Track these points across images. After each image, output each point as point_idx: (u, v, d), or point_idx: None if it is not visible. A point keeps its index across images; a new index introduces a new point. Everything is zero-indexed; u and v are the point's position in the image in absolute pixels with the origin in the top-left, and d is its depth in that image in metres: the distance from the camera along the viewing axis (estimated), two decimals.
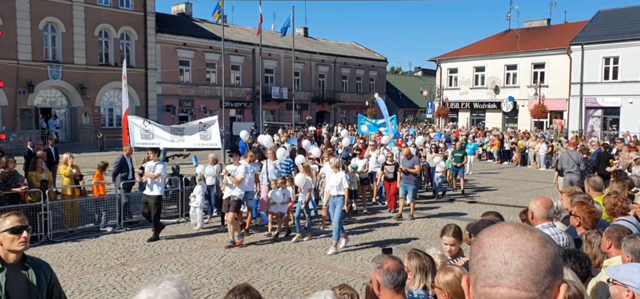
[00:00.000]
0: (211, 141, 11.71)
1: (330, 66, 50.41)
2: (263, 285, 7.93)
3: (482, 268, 1.18)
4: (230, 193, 10.28)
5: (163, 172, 10.70)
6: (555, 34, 40.65)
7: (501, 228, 1.21)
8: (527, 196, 16.62)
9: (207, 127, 11.62)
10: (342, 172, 10.11)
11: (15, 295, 3.32)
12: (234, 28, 46.08)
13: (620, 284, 2.88)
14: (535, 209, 4.35)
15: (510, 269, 1.14)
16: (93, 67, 34.11)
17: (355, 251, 10.06)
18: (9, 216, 3.39)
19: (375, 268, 3.08)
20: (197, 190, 11.77)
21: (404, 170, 12.69)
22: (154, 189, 10.55)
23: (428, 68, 68.35)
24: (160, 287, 1.30)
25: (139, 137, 11.89)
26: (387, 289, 2.99)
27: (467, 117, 43.77)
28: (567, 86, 37.41)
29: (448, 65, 45.35)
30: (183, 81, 39.89)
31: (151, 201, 10.51)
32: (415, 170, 12.81)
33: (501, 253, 1.16)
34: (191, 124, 12.11)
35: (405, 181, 12.73)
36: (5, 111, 30.14)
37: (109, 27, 34.98)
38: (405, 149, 13.62)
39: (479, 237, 1.24)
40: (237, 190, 10.24)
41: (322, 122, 44.79)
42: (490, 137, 30.84)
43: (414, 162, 12.83)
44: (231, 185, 10.26)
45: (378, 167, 14.32)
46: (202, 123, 11.90)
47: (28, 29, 31.12)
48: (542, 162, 25.93)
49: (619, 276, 2.91)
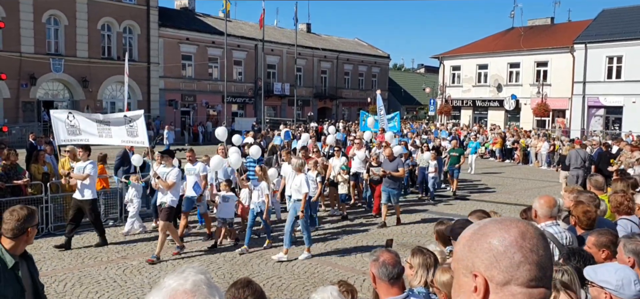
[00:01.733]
0: (138, 138, 10.22)
1: (332, 62, 50.36)
2: (263, 280, 7.94)
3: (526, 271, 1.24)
4: (162, 199, 9.08)
5: (93, 172, 9.53)
6: (558, 33, 40.55)
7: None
8: (529, 194, 16.62)
9: (133, 122, 10.18)
10: (303, 175, 9.27)
11: (26, 285, 3.40)
12: (237, 23, 46.05)
13: (597, 286, 2.90)
14: (539, 207, 4.36)
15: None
16: (95, 61, 34.14)
17: (356, 247, 10.06)
18: (36, 212, 3.52)
19: (371, 260, 3.10)
20: (131, 194, 10.50)
21: (386, 173, 11.60)
22: (85, 193, 9.37)
23: (431, 65, 68.29)
24: (185, 274, 1.30)
25: (65, 134, 10.38)
26: (382, 282, 3.01)
27: (469, 114, 43.73)
28: (570, 85, 37.33)
29: (451, 62, 45.28)
30: (185, 76, 39.90)
31: (86, 206, 9.46)
32: (399, 173, 11.72)
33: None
34: (116, 117, 10.60)
35: (388, 185, 11.62)
36: (7, 104, 30.19)
37: (111, 20, 34.99)
38: (387, 149, 12.60)
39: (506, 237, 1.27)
40: (168, 196, 8.98)
41: (324, 118, 44.78)
42: (493, 135, 30.81)
43: (397, 164, 11.77)
44: (163, 190, 9.05)
45: (362, 167, 13.37)
46: (127, 116, 10.45)
47: (31, 22, 31.15)
48: (543, 160, 25.90)
49: (596, 278, 2.92)
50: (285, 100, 45.31)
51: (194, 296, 1.27)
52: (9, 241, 3.36)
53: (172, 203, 9.01)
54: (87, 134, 10.33)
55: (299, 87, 44.03)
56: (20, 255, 3.41)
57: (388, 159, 11.96)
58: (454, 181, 16.59)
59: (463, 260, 1.30)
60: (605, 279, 2.87)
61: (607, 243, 3.70)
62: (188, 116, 40.07)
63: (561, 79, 37.77)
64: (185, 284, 1.28)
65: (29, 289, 3.40)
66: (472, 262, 1.26)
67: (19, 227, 3.33)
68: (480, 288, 1.23)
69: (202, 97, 40.59)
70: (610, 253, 3.66)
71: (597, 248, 3.69)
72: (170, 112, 37.87)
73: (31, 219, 3.43)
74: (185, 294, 1.27)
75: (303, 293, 7.51)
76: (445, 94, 44.95)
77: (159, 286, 1.31)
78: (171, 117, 37.01)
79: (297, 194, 9.24)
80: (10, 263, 3.28)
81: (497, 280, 1.22)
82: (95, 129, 10.36)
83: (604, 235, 3.77)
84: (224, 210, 9.92)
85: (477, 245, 1.27)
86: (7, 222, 3.37)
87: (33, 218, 3.47)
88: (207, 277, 1.35)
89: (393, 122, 19.61)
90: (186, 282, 1.29)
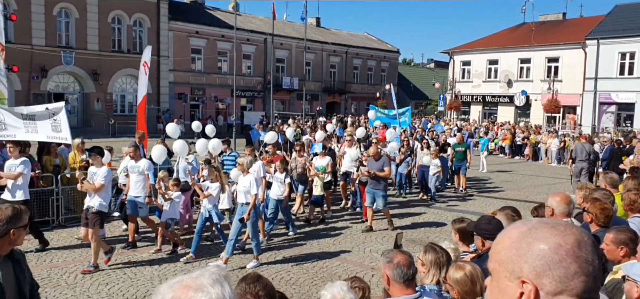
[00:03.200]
0: (62, 134, 9.44)
1: (341, 57, 50.25)
2: (272, 274, 7.95)
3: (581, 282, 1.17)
4: (88, 203, 8.13)
5: (27, 170, 8.60)
6: (570, 28, 40.17)
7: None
8: (539, 191, 16.52)
9: (56, 115, 9.40)
10: (251, 175, 8.40)
11: (8, 290, 3.24)
12: (246, 17, 46.06)
13: (632, 280, 2.93)
14: (557, 205, 4.29)
15: None
16: (106, 54, 34.31)
17: (364, 242, 10.05)
18: (25, 213, 3.35)
19: (385, 262, 3.06)
20: None
21: (371, 173, 10.75)
22: (16, 194, 8.32)
23: (441, 60, 67.98)
24: (197, 271, 1.35)
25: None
26: (397, 284, 2.98)
27: (479, 110, 43.50)
28: (581, 81, 36.99)
29: (461, 57, 45.03)
30: (195, 69, 40.01)
31: None
32: (384, 173, 10.80)
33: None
34: (40, 110, 9.64)
35: (373, 187, 10.81)
36: (18, 96, 30.41)
37: (122, 13, 35.12)
38: (372, 147, 11.57)
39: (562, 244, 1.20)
40: (96, 199, 8.06)
41: (332, 113, 44.73)
42: (503, 132, 30.62)
43: (383, 164, 10.79)
44: (90, 193, 8.14)
45: (354, 166, 12.72)
46: (49, 109, 9.58)
47: (42, 15, 31.36)
48: (553, 157, 25.71)
49: (631, 272, 2.96)
50: (294, 94, 45.31)
51: (197, 292, 1.29)
52: None
53: (101, 207, 8.07)
54: (14, 128, 9.54)
55: (307, 82, 44.02)
56: (5, 256, 3.24)
57: (373, 158, 11.00)
58: (461, 177, 15.98)
59: (508, 263, 1.21)
60: (638, 273, 2.90)
61: (626, 240, 3.66)
62: (197, 109, 40.20)
63: (572, 75, 37.44)
64: (189, 279, 1.32)
65: (12, 292, 3.25)
66: (519, 266, 1.19)
67: (0, 227, 3.18)
68: (530, 296, 1.16)
69: (211, 90, 40.69)
70: (629, 250, 3.62)
71: (615, 245, 3.65)
72: (180, 106, 38.01)
73: (15, 221, 3.22)
74: (188, 284, 1.30)
75: (312, 288, 7.51)
76: (454, 89, 44.74)
77: (168, 282, 1.36)
78: (180, 111, 37.14)
79: (245, 196, 8.33)
80: None
81: (548, 289, 1.16)
82: (21, 124, 9.58)
83: (623, 232, 3.73)
84: (169, 211, 9.04)
85: (526, 249, 1.19)
86: None
87: (18, 219, 3.24)
88: (219, 271, 1.36)
89: (404, 117, 19.20)
90: (192, 277, 1.33)
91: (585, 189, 5.60)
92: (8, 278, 3.24)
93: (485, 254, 3.80)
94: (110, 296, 7.09)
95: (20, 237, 3.31)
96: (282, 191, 10.06)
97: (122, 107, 36.39)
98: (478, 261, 3.61)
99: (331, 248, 9.62)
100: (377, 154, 10.99)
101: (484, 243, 3.84)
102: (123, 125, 31.90)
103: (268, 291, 2.53)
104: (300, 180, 11.92)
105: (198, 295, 1.28)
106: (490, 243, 3.80)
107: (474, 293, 3.15)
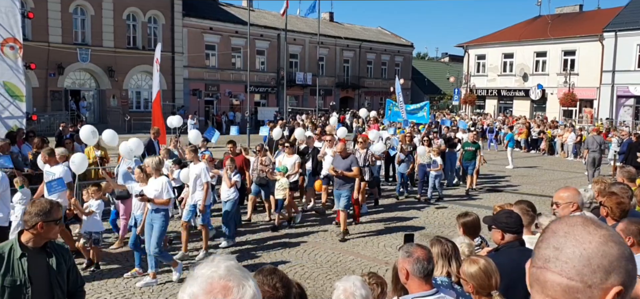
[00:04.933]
0: None
1: (355, 51, 50.12)
2: (286, 268, 8.00)
3: (537, 250, 1.23)
4: None
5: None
6: (587, 21, 39.62)
7: (570, 219, 1.24)
8: (554, 186, 16.34)
9: None
10: (163, 178, 7.50)
11: (37, 280, 3.38)
12: (260, 13, 46.13)
13: None
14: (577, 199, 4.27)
15: (560, 255, 1.17)
16: (121, 50, 34.61)
17: (378, 237, 10.06)
18: (56, 208, 3.47)
19: (404, 257, 3.04)
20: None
21: (338, 173, 9.85)
22: None
23: (455, 54, 67.46)
24: (216, 262, 1.35)
25: None
26: (416, 278, 2.98)
27: (494, 104, 43.13)
28: (598, 74, 36.48)
29: (476, 51, 44.66)
30: (209, 66, 40.19)
31: None
32: (352, 173, 9.82)
33: (557, 239, 1.20)
34: None
35: (338, 187, 9.91)
36: (36, 93, 30.83)
37: (136, 10, 35.39)
38: (339, 144, 10.68)
39: (549, 224, 1.27)
40: None
41: (346, 108, 44.65)
42: (518, 126, 30.31)
43: (350, 163, 9.87)
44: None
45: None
46: None
47: (58, 12, 31.72)
48: (570, 151, 25.41)
49: None
50: (307, 89, 45.31)
51: (230, 281, 1.31)
52: (24, 232, 3.42)
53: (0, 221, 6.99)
54: None
55: (321, 77, 43.98)
56: (39, 248, 3.39)
57: (340, 155, 10.07)
58: (469, 177, 15.05)
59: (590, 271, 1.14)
60: None
61: (635, 232, 3.62)
62: (212, 105, 40.42)
63: (589, 68, 36.93)
64: (218, 271, 1.32)
65: (43, 284, 3.39)
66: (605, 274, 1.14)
67: (28, 219, 3.36)
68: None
69: (225, 86, 40.87)
70: (636, 241, 3.58)
71: (624, 235, 3.61)
72: (194, 102, 38.23)
73: (45, 215, 3.34)
74: (220, 281, 1.30)
75: (326, 282, 7.54)
76: (469, 83, 44.40)
77: (193, 276, 1.34)
78: (195, 107, 37.37)
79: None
80: (17, 253, 3.33)
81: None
82: None
83: (635, 224, 3.69)
84: (88, 223, 7.91)
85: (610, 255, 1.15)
86: (25, 213, 3.45)
87: (48, 214, 3.35)
88: (237, 262, 1.39)
89: (422, 111, 18.45)
90: (219, 269, 1.32)
91: (601, 183, 5.55)
92: (37, 270, 3.38)
93: (502, 248, 3.79)
94: None
95: (51, 231, 3.45)
96: (228, 195, 9.23)
97: (138, 104, 36.70)
98: (495, 255, 3.61)
99: (345, 243, 9.64)
100: (344, 152, 10.12)
101: (504, 236, 3.83)
102: (139, 121, 32.19)
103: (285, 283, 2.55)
104: (258, 182, 10.90)
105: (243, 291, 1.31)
106: (510, 236, 3.78)
107: (489, 287, 3.15)
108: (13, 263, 3.31)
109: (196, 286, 1.30)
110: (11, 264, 3.31)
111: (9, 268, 3.30)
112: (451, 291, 3.15)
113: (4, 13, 12.62)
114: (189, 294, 1.30)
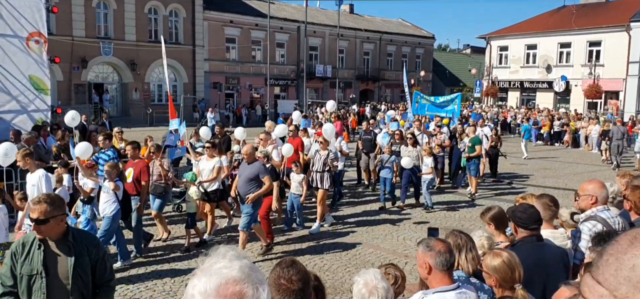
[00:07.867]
0: None
1: (375, 43, 49.84)
2: (305, 261, 8.02)
3: None
4: None
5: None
6: (613, 10, 38.71)
7: None
8: (578, 179, 16.06)
9: None
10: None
11: (53, 271, 3.43)
12: (280, 5, 46.15)
13: None
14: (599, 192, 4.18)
15: None
16: (143, 44, 35.01)
17: (398, 230, 10.03)
18: (54, 202, 3.49)
19: (426, 251, 3.02)
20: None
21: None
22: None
23: (477, 45, 66.57)
24: (228, 258, 1.30)
25: None
26: (438, 272, 2.97)
27: (517, 96, 42.53)
28: (625, 65, 35.67)
29: (498, 42, 44.04)
30: (229, 59, 40.41)
31: None
32: (263, 189, 8.00)
33: None
34: None
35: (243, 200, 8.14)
36: (60, 86, 31.39)
37: (158, 4, 35.73)
38: (245, 146, 8.85)
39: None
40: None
41: (365, 100, 44.49)
42: (541, 118, 29.83)
43: (257, 171, 8.03)
44: None
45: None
46: None
47: (82, 7, 32.22)
48: (594, 144, 24.92)
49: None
50: (327, 82, 45.26)
51: (245, 284, 1.24)
52: None
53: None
54: None
55: (341, 69, 43.88)
56: (58, 240, 3.46)
57: (246, 161, 8.15)
58: (470, 179, 13.14)
59: None
60: None
61: None
62: (232, 98, 40.66)
63: (615, 59, 36.13)
64: (232, 271, 1.25)
65: (60, 275, 3.45)
66: None
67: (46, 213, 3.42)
68: None
69: (245, 79, 41.07)
70: None
71: None
72: (215, 95, 38.52)
73: (52, 210, 3.38)
74: (235, 283, 1.24)
75: (345, 275, 7.55)
76: (491, 75, 43.83)
77: (204, 270, 1.28)
78: (216, 100, 37.64)
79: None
80: (36, 243, 3.44)
81: None
82: None
83: None
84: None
85: None
86: None
87: (55, 208, 3.40)
88: (249, 261, 1.33)
89: (453, 104, 16.66)
90: (232, 269, 1.26)
91: (627, 176, 5.44)
92: (55, 261, 3.44)
93: (518, 243, 3.75)
94: None
95: (58, 225, 3.48)
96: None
97: (160, 97, 37.10)
98: (513, 249, 3.57)
99: (364, 236, 9.63)
100: (250, 157, 8.11)
101: (517, 230, 3.79)
102: (160, 114, 32.52)
103: (302, 276, 2.56)
104: (154, 192, 8.90)
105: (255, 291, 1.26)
106: (522, 231, 3.74)
107: (512, 280, 3.13)
108: (33, 253, 3.43)
109: (211, 283, 1.23)
110: (31, 253, 3.43)
111: (29, 257, 3.42)
112: (470, 286, 3.13)
113: (29, 8, 12.86)
114: (200, 291, 1.23)
